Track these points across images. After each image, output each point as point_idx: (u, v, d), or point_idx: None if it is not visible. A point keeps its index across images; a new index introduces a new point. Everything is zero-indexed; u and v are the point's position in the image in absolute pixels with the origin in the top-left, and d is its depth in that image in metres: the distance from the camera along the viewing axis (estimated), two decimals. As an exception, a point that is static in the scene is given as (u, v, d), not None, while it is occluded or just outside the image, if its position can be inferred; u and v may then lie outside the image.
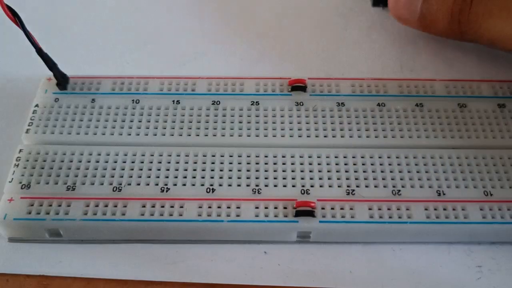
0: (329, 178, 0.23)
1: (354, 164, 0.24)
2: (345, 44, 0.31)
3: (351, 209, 0.22)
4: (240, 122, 0.25)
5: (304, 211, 0.22)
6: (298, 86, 0.26)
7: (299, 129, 0.25)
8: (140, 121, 0.25)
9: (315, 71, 0.29)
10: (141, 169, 0.23)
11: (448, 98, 0.26)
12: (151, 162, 0.24)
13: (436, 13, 0.26)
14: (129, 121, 0.25)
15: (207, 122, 0.25)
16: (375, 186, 0.23)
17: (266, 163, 0.24)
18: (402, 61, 0.30)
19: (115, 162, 0.24)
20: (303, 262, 0.22)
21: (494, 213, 0.22)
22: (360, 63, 0.30)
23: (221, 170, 0.23)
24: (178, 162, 0.24)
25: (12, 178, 0.23)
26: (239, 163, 0.24)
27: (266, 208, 0.22)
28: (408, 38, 0.31)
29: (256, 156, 0.24)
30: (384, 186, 0.23)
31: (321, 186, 0.23)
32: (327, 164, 0.24)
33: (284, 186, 0.23)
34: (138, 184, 0.23)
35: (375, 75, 0.27)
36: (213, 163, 0.24)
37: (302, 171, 0.23)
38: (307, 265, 0.22)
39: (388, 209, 0.22)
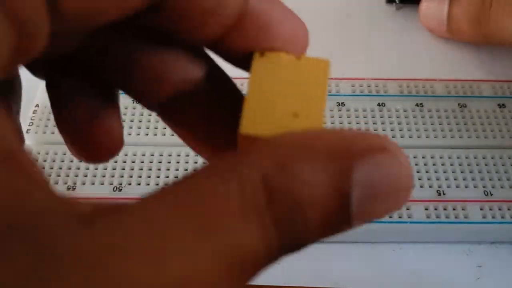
0: (329, 178, 0.23)
1: (354, 164, 0.24)
2: (345, 44, 0.31)
3: (351, 209, 0.22)
4: (240, 122, 0.25)
5: (304, 211, 0.22)
6: (298, 86, 0.26)
7: (299, 129, 0.25)
8: (140, 121, 0.25)
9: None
10: (142, 169, 0.23)
11: (448, 98, 0.26)
12: (152, 162, 0.24)
13: (460, 18, 0.28)
14: (130, 121, 0.25)
15: (207, 122, 0.25)
16: (375, 186, 0.23)
17: (266, 163, 0.24)
18: (402, 61, 0.30)
19: (115, 162, 0.24)
20: (303, 262, 0.22)
21: (494, 213, 0.22)
22: (360, 63, 0.30)
23: (221, 170, 0.23)
24: (178, 162, 0.24)
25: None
26: (239, 163, 0.24)
27: (266, 208, 0.22)
28: (408, 38, 0.31)
29: (256, 156, 0.24)
30: (384, 186, 0.23)
31: (321, 186, 0.23)
32: (327, 164, 0.24)
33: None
34: (139, 184, 0.23)
35: (375, 75, 0.27)
36: (213, 163, 0.24)
37: (302, 171, 0.23)
38: (307, 265, 0.22)
39: (388, 209, 0.22)
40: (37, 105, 0.25)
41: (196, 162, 0.24)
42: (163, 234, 0.08)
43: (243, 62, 0.12)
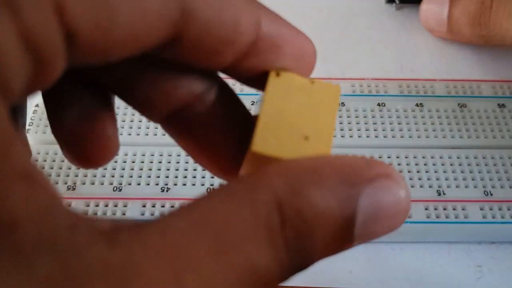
0: (329, 178, 0.23)
1: (354, 164, 0.24)
2: (345, 44, 0.31)
3: (351, 209, 0.22)
4: (240, 122, 0.25)
5: (304, 211, 0.22)
6: (298, 86, 0.26)
7: (299, 129, 0.25)
8: (140, 121, 0.25)
9: (315, 71, 0.29)
10: (142, 169, 0.23)
11: (448, 98, 0.26)
12: (151, 162, 0.24)
13: (461, 19, 0.28)
14: (130, 121, 0.25)
15: (207, 122, 0.25)
16: (375, 186, 0.23)
17: (266, 163, 0.24)
18: (402, 61, 0.30)
19: (116, 162, 0.24)
20: (303, 262, 0.22)
21: (494, 213, 0.22)
22: (360, 63, 0.30)
23: (221, 170, 0.23)
24: (178, 162, 0.24)
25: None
26: (239, 163, 0.24)
27: (266, 208, 0.22)
28: (408, 38, 0.31)
29: (256, 156, 0.24)
30: (384, 186, 0.23)
31: (321, 186, 0.23)
32: (327, 164, 0.24)
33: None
34: (139, 184, 0.23)
35: (375, 75, 0.27)
36: (213, 163, 0.24)
37: (302, 171, 0.23)
38: (307, 265, 0.22)
39: (388, 209, 0.22)
40: (37, 105, 0.25)
41: (196, 162, 0.24)
42: (182, 252, 0.09)
43: (254, 82, 0.12)
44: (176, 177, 0.23)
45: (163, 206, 0.22)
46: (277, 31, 0.12)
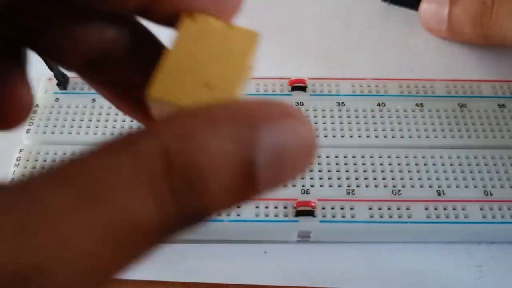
0: (329, 178, 0.23)
1: (354, 164, 0.24)
2: (345, 44, 0.31)
3: (351, 209, 0.22)
4: (240, 122, 0.25)
5: (305, 211, 0.22)
6: (298, 86, 0.26)
7: (299, 129, 0.25)
8: (140, 121, 0.25)
9: (315, 71, 0.29)
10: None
11: (448, 98, 0.26)
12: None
13: (461, 18, 0.28)
14: (130, 121, 0.25)
15: (207, 122, 0.25)
16: (375, 186, 0.23)
17: (266, 163, 0.24)
18: (402, 61, 0.30)
19: (115, 162, 0.23)
20: (303, 262, 0.22)
21: (494, 213, 0.22)
22: (360, 63, 0.30)
23: (221, 170, 0.23)
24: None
25: (13, 178, 0.23)
26: (239, 163, 0.24)
27: (266, 208, 0.22)
28: (408, 38, 0.31)
29: (256, 156, 0.24)
30: (384, 186, 0.23)
31: (321, 186, 0.23)
32: (328, 164, 0.24)
33: (284, 186, 0.23)
34: (138, 184, 0.23)
35: (375, 75, 0.27)
36: (213, 163, 0.24)
37: (302, 171, 0.23)
38: (307, 265, 0.22)
39: (388, 209, 0.22)
40: (37, 105, 0.25)
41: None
42: (37, 211, 0.08)
43: (174, 25, 0.12)
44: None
45: (163, 206, 0.22)
46: None
